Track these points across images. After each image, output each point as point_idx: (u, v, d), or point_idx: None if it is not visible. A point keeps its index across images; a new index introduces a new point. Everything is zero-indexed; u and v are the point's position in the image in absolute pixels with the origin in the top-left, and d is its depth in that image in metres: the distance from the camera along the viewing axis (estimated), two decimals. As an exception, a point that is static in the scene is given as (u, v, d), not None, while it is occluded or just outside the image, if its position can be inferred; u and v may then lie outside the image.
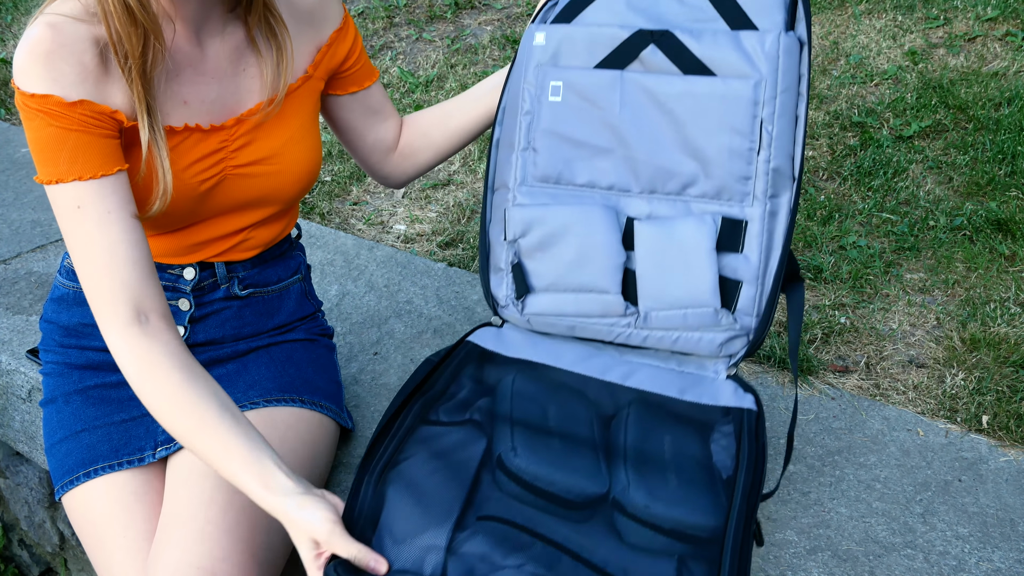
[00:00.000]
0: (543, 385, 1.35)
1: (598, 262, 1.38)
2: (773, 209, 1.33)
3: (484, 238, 1.47)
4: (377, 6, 3.57)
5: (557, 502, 1.16)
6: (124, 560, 1.25)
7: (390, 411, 1.25)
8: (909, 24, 3.02)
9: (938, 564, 1.33)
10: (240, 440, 1.11)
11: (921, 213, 2.21)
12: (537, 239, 1.41)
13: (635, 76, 1.36)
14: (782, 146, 1.31)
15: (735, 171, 1.33)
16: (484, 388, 1.34)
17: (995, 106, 2.57)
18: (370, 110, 1.50)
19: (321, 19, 1.37)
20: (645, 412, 1.31)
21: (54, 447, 1.38)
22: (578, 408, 1.32)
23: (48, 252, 2.30)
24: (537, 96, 1.41)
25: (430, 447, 1.21)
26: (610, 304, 1.39)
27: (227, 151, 1.29)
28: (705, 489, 1.19)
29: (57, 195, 1.16)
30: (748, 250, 1.33)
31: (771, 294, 1.33)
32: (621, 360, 1.42)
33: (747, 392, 1.33)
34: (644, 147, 1.37)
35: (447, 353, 1.39)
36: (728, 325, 1.35)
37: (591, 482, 1.19)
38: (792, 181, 1.33)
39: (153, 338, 1.15)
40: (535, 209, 1.40)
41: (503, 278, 1.45)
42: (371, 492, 1.15)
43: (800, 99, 1.30)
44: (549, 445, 1.23)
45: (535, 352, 1.42)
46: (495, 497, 1.15)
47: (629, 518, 1.15)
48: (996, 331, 1.80)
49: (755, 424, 1.27)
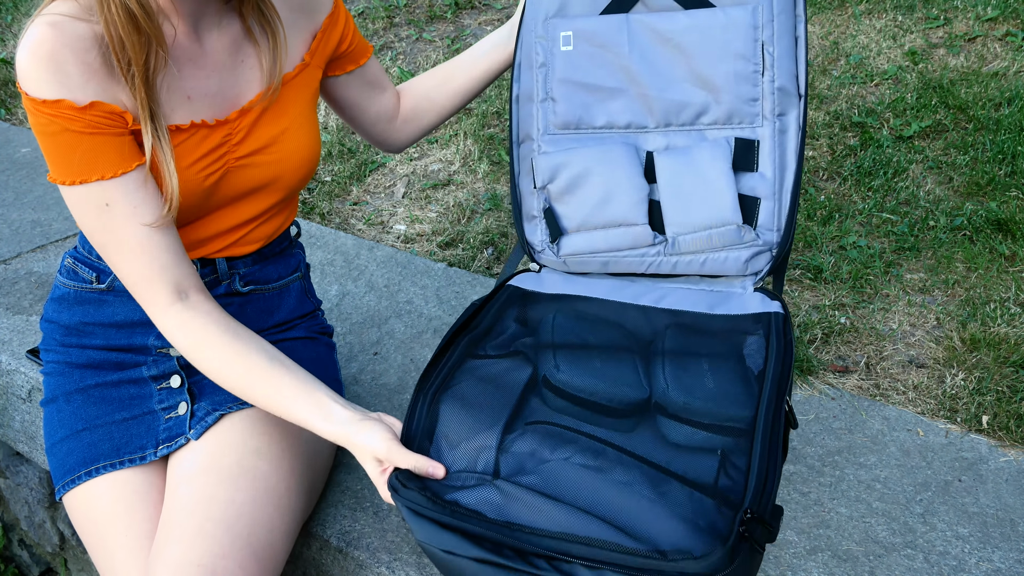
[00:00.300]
0: (583, 316, 1.42)
1: (623, 197, 1.46)
2: (782, 127, 1.41)
3: (515, 190, 1.55)
4: (377, 6, 3.57)
5: (602, 411, 1.23)
6: (126, 559, 1.26)
7: (439, 348, 1.32)
8: (909, 24, 3.02)
9: (938, 564, 1.33)
10: (293, 382, 1.20)
11: (921, 213, 2.21)
12: (564, 183, 1.49)
13: (640, 17, 1.44)
14: (784, 66, 1.39)
15: (743, 94, 1.41)
16: (528, 326, 1.41)
17: (995, 106, 2.57)
18: (369, 84, 1.53)
19: (314, 7, 1.40)
20: (680, 328, 1.38)
21: (55, 446, 1.38)
22: (616, 332, 1.38)
23: (48, 252, 2.30)
24: (549, 48, 1.49)
25: (478, 373, 1.29)
26: (639, 235, 1.47)
27: (230, 144, 1.30)
28: (739, 385, 1.25)
29: (80, 195, 1.19)
30: (763, 168, 1.41)
31: (790, 208, 1.41)
32: (654, 287, 1.49)
33: (774, 300, 1.40)
34: (655, 83, 1.45)
35: (490, 296, 1.46)
36: (751, 241, 1.42)
37: (633, 389, 1.25)
38: (798, 99, 1.40)
39: (196, 310, 1.23)
40: (559, 155, 1.49)
41: (537, 225, 1.53)
42: (425, 411, 1.23)
43: (798, 20, 1.39)
44: (591, 361, 1.30)
45: (573, 288, 1.50)
46: (541, 411, 1.23)
47: (671, 418, 1.22)
48: (996, 331, 1.80)
49: (783, 324, 1.34)
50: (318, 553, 1.45)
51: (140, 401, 1.38)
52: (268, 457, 1.30)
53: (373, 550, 1.39)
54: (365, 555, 1.39)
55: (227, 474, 1.25)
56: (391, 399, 1.70)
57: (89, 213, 1.20)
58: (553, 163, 1.49)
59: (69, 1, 1.17)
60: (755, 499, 1.07)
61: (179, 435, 1.34)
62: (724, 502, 1.09)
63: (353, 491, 1.49)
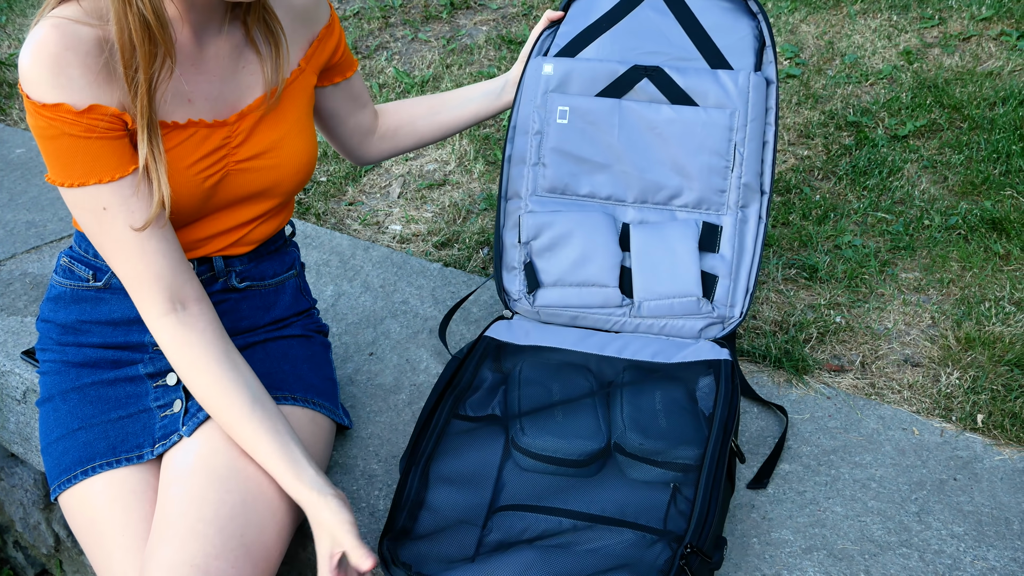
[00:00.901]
0: (548, 366, 1.57)
1: (599, 260, 1.64)
2: (744, 217, 1.63)
3: (499, 241, 1.70)
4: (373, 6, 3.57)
5: (566, 463, 1.38)
6: (123, 558, 1.25)
7: (427, 408, 1.48)
8: (904, 24, 3.03)
9: (933, 563, 1.33)
10: (271, 431, 1.23)
11: (916, 212, 2.21)
12: (547, 241, 1.67)
13: (631, 104, 1.64)
14: (751, 165, 1.62)
15: (713, 185, 1.63)
16: (502, 375, 1.56)
17: (990, 105, 2.57)
18: (352, 98, 1.57)
19: (313, 17, 1.42)
20: (638, 374, 1.54)
21: (51, 445, 1.38)
22: (579, 380, 1.53)
23: (43, 253, 2.30)
24: (546, 118, 1.67)
25: (461, 443, 1.43)
26: (609, 296, 1.65)
27: (229, 147, 1.31)
28: (690, 426, 1.41)
29: (78, 197, 1.20)
30: (723, 250, 1.62)
31: (744, 288, 1.62)
32: (617, 337, 1.65)
33: (724, 348, 1.59)
34: (637, 164, 1.65)
35: (469, 349, 1.61)
36: (707, 313, 1.62)
37: (591, 440, 1.39)
38: (760, 194, 1.63)
39: (190, 327, 1.24)
40: (545, 215, 1.67)
41: (516, 275, 1.69)
42: (416, 482, 1.35)
43: (768, 127, 1.62)
44: (553, 418, 1.44)
45: (541, 338, 1.65)
46: (515, 477, 1.37)
47: (628, 456, 1.38)
48: (991, 330, 1.80)
49: (731, 370, 1.52)
50: (313, 554, 1.45)
51: (136, 399, 1.38)
52: None
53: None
54: (361, 555, 1.39)
55: (218, 474, 1.25)
56: (387, 399, 1.70)
57: (87, 215, 1.21)
58: (539, 222, 1.67)
59: (73, 4, 1.17)
60: (696, 533, 1.23)
61: (173, 432, 1.34)
62: (672, 539, 1.24)
63: (349, 492, 1.49)
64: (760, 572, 1.32)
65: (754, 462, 1.52)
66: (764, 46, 1.63)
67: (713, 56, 1.63)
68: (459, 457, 1.40)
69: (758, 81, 1.61)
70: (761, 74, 1.62)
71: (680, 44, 1.64)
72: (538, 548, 1.23)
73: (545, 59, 1.66)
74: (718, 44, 1.63)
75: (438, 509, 1.32)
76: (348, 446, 1.59)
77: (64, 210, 2.52)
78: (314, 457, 1.40)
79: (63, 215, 2.49)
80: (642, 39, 1.65)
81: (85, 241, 1.40)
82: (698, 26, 1.64)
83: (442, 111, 1.66)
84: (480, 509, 1.32)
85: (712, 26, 1.63)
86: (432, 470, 1.38)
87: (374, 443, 1.60)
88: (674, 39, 1.64)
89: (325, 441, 1.45)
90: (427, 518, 1.31)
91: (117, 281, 1.39)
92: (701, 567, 1.20)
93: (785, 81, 2.84)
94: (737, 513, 1.42)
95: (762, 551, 1.35)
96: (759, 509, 1.43)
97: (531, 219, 1.67)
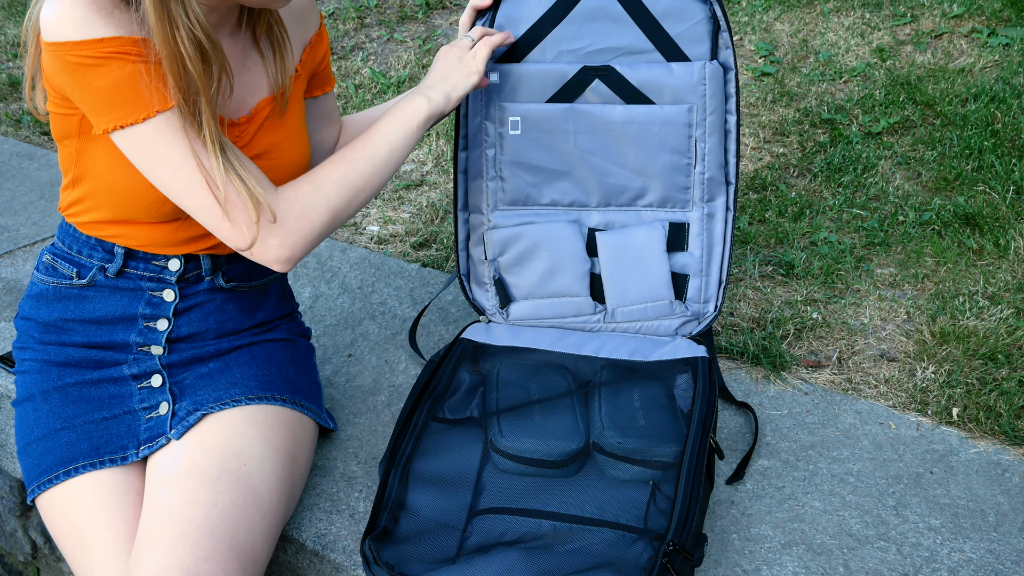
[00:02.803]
0: (526, 367, 1.55)
1: (568, 271, 1.62)
2: (710, 212, 1.60)
3: (463, 253, 1.67)
4: (348, 7, 3.56)
5: (546, 464, 1.38)
6: (105, 561, 1.24)
7: (405, 411, 1.46)
8: (877, 22, 3.05)
9: (911, 556, 1.34)
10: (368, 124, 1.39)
11: (891, 208, 2.23)
12: (514, 256, 1.63)
13: (584, 107, 1.57)
14: (714, 158, 1.57)
15: (676, 183, 1.58)
16: (480, 378, 1.55)
17: (962, 102, 2.60)
18: (323, 114, 1.55)
19: (308, 20, 1.42)
20: (616, 373, 1.53)
21: (29, 446, 1.36)
22: (557, 380, 1.52)
23: (16, 258, 2.27)
24: (498, 131, 1.60)
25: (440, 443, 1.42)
26: (582, 306, 1.63)
27: (237, 145, 1.31)
28: (669, 423, 1.41)
29: (152, 129, 1.16)
30: (692, 248, 1.59)
31: (716, 282, 1.60)
32: (594, 336, 1.64)
33: (700, 345, 1.59)
34: (597, 168, 1.60)
35: (446, 352, 1.59)
36: (681, 312, 1.62)
37: (570, 441, 1.39)
38: (725, 185, 1.58)
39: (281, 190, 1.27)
40: (509, 230, 1.62)
41: (487, 291, 1.67)
42: (397, 483, 1.34)
43: (728, 115, 1.55)
44: (531, 418, 1.43)
45: (519, 339, 1.63)
46: (495, 479, 1.37)
47: (607, 455, 1.38)
48: (965, 324, 1.82)
49: (708, 367, 1.51)
50: (294, 556, 1.44)
51: (120, 400, 1.37)
52: (250, 459, 1.29)
53: (349, 553, 1.39)
54: (342, 558, 1.38)
55: (208, 476, 1.24)
56: (366, 400, 1.69)
57: (164, 146, 1.17)
58: (503, 237, 1.63)
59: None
60: (678, 531, 1.24)
61: (160, 435, 1.33)
62: (653, 537, 1.25)
63: (329, 494, 1.49)
64: (740, 568, 1.33)
65: (733, 459, 1.52)
66: (719, 30, 1.53)
67: (667, 46, 1.54)
68: (439, 460, 1.40)
69: (714, 71, 1.53)
70: (717, 62, 1.54)
71: (632, 35, 1.54)
72: (520, 548, 1.23)
73: (491, 64, 1.57)
74: (671, 32, 1.53)
75: (418, 511, 1.31)
76: (327, 448, 1.58)
77: (37, 214, 2.49)
78: (301, 458, 1.40)
79: (36, 219, 2.46)
80: (591, 33, 1.55)
81: (70, 237, 1.39)
82: (648, 15, 1.53)
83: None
84: (460, 512, 1.32)
85: (663, 13, 1.53)
86: (412, 471, 1.37)
87: (353, 445, 1.59)
88: (625, 31, 1.54)
89: (310, 444, 1.44)
90: (408, 521, 1.30)
91: (102, 278, 1.38)
92: (683, 565, 1.21)
93: (760, 79, 2.86)
94: (717, 509, 1.43)
95: (742, 547, 1.36)
96: (738, 505, 1.43)
97: (495, 235, 1.63)
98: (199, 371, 1.41)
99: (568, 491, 1.35)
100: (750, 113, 2.70)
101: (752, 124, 2.65)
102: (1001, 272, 1.98)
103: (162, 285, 1.39)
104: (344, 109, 2.99)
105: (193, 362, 1.41)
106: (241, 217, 1.21)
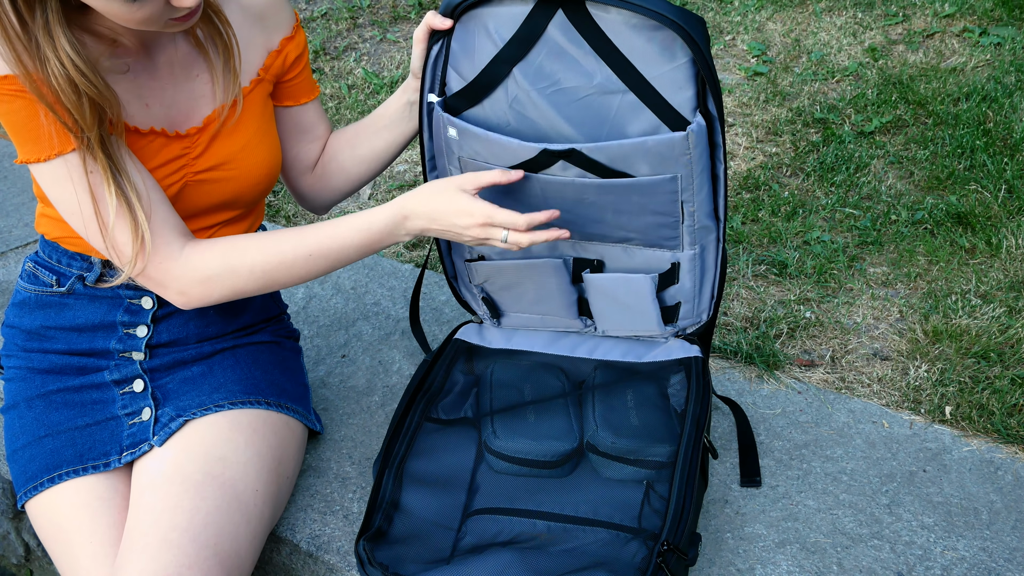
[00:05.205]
0: (520, 368, 1.55)
1: (554, 302, 1.57)
2: (702, 248, 1.44)
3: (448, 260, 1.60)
4: (341, 7, 3.56)
5: (540, 465, 1.38)
6: (90, 566, 1.24)
7: (399, 411, 1.45)
8: (869, 21, 3.06)
9: (904, 554, 1.34)
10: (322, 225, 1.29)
11: (883, 208, 2.23)
12: (499, 285, 1.58)
13: (551, 179, 1.36)
14: (704, 208, 1.39)
15: (662, 236, 1.43)
16: (474, 378, 1.55)
17: (953, 101, 2.61)
18: (298, 127, 1.47)
19: (272, 23, 1.36)
20: (609, 373, 1.53)
21: (16, 453, 1.36)
22: (551, 381, 1.52)
23: (8, 259, 2.27)
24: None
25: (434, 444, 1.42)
26: (572, 324, 1.61)
27: (188, 158, 1.29)
28: (663, 423, 1.40)
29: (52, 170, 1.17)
30: (683, 280, 1.49)
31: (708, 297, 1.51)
32: (588, 338, 1.62)
33: (693, 345, 1.55)
34: (573, 224, 1.43)
35: (439, 352, 1.58)
36: (671, 332, 1.57)
37: (564, 441, 1.39)
38: (717, 223, 1.42)
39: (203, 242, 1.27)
40: (491, 264, 1.55)
41: (478, 303, 1.63)
42: (391, 482, 1.34)
43: (717, 162, 1.34)
44: (525, 419, 1.43)
45: (512, 341, 1.62)
46: (489, 481, 1.37)
47: (601, 455, 1.38)
48: (958, 323, 1.83)
49: (701, 367, 1.50)
50: (288, 558, 1.44)
51: (103, 406, 1.37)
52: (233, 464, 1.28)
53: (343, 554, 1.39)
54: (336, 559, 1.38)
55: (192, 482, 1.24)
56: (359, 401, 1.69)
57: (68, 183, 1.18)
58: (486, 271, 1.56)
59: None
60: (672, 531, 1.23)
61: (143, 441, 1.32)
62: (647, 536, 1.25)
63: (323, 495, 1.49)
64: (734, 567, 1.33)
65: (726, 458, 1.53)
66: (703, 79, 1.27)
67: (641, 88, 1.28)
68: (433, 460, 1.40)
69: (699, 133, 1.28)
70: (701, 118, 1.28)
71: (601, 75, 1.29)
72: (514, 549, 1.23)
73: (448, 118, 1.37)
74: (646, 74, 1.27)
75: (413, 512, 1.31)
76: (321, 449, 1.58)
77: (29, 215, 2.48)
78: (287, 462, 1.39)
79: (27, 221, 2.45)
80: (554, 74, 1.30)
81: (50, 247, 1.38)
82: (617, 54, 1.27)
83: (359, 144, 1.47)
84: (455, 512, 1.32)
85: (636, 53, 1.27)
86: (406, 472, 1.37)
87: (347, 446, 1.59)
88: (591, 69, 1.29)
89: (298, 446, 1.44)
90: (402, 521, 1.30)
91: (81, 287, 1.37)
92: (677, 564, 1.21)
93: (752, 79, 2.86)
94: (710, 509, 1.43)
95: (736, 546, 1.36)
96: (732, 504, 1.44)
97: (478, 268, 1.56)
98: (182, 375, 1.40)
99: (562, 491, 1.35)
100: (743, 113, 2.71)
101: (745, 124, 2.65)
102: (993, 271, 1.98)
103: (140, 292, 1.38)
104: (337, 109, 2.98)
105: (175, 366, 1.41)
106: (123, 262, 1.23)
